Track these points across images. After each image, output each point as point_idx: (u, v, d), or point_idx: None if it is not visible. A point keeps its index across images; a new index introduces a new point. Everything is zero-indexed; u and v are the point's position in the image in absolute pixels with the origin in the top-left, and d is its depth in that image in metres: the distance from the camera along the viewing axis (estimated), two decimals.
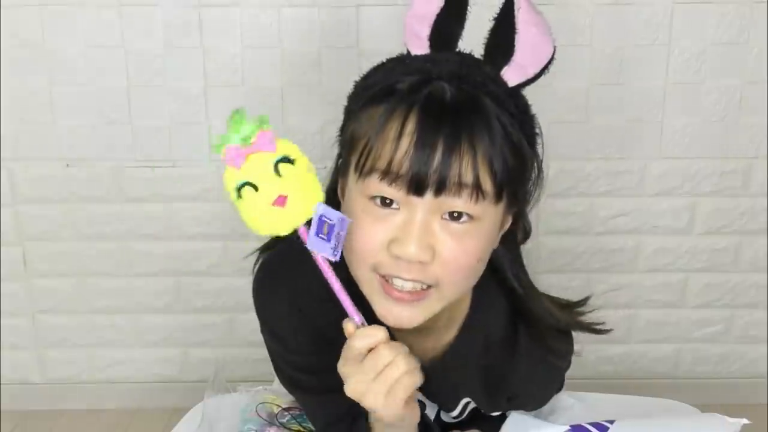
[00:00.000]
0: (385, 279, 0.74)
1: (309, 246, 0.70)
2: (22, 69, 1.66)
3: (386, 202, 0.72)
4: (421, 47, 0.77)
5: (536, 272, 0.90)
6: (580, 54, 1.63)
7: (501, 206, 0.74)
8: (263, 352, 1.97)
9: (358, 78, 0.87)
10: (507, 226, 0.80)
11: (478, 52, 0.79)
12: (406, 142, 0.69)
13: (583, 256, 1.78)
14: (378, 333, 0.72)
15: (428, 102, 0.70)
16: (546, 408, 1.03)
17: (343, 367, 0.74)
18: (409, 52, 0.79)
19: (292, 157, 0.71)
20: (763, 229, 1.77)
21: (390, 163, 0.70)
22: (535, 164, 0.78)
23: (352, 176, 0.76)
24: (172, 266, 1.81)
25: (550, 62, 0.79)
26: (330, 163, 1.34)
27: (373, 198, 0.72)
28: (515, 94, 0.78)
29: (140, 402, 1.93)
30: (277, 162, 0.70)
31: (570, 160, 1.71)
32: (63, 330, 1.87)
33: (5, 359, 1.90)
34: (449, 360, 0.87)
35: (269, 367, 2.00)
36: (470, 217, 0.72)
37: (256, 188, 0.68)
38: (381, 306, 0.75)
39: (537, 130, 0.80)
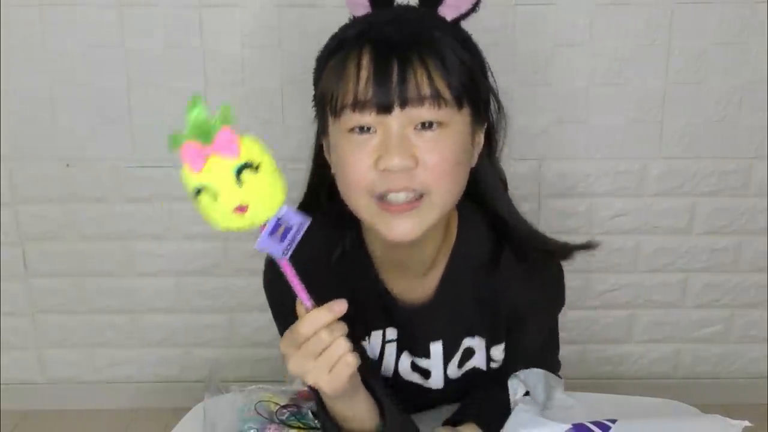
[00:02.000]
0: (381, 200, 0.81)
1: (258, 245, 0.70)
2: (22, 69, 1.66)
3: (363, 129, 0.80)
4: (359, 7, 0.88)
5: None
6: (580, 54, 1.63)
7: (465, 114, 0.82)
8: (263, 352, 1.98)
9: None
10: (480, 142, 0.88)
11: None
12: (365, 73, 0.79)
13: (584, 256, 1.78)
14: (321, 318, 0.74)
15: (377, 38, 0.81)
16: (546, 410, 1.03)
17: (284, 347, 0.77)
18: (352, 17, 0.89)
19: (255, 163, 0.67)
20: (763, 229, 1.77)
21: (356, 95, 0.79)
22: (487, 83, 0.87)
23: (331, 126, 0.85)
24: (172, 266, 1.81)
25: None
26: None
27: (351, 130, 0.81)
28: (455, 26, 0.85)
29: (140, 402, 1.93)
30: (239, 169, 0.66)
31: (570, 160, 1.71)
32: (63, 330, 1.88)
33: (5, 359, 1.90)
34: (444, 292, 0.93)
35: (269, 368, 2.01)
36: (439, 123, 0.80)
37: (215, 197, 0.66)
38: (383, 224, 0.82)
39: (483, 57, 0.87)
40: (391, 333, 0.96)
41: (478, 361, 0.99)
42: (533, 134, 1.69)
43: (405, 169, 0.79)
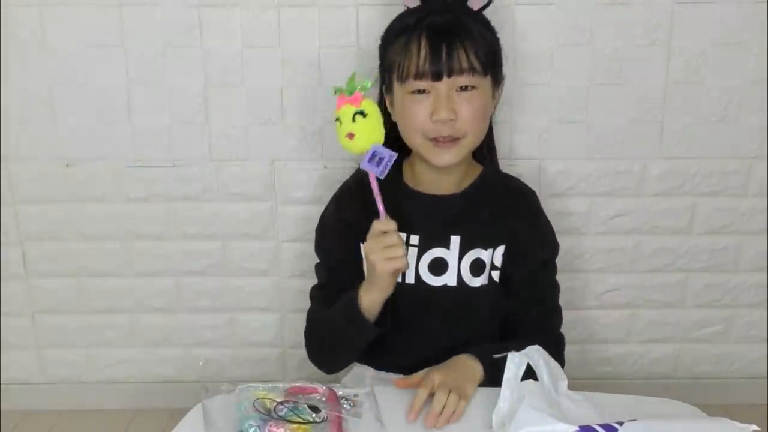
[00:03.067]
0: (432, 139, 1.19)
1: (361, 165, 1.12)
2: (22, 69, 1.66)
3: (421, 91, 1.18)
4: (413, 1, 1.25)
5: None
6: (580, 54, 1.63)
7: (488, 80, 1.21)
8: (263, 352, 1.98)
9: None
10: (498, 97, 1.27)
11: None
12: (423, 52, 1.16)
13: (583, 256, 1.78)
14: (391, 224, 1.12)
15: (430, 26, 1.17)
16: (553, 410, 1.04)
17: (368, 240, 1.13)
18: (408, 7, 1.26)
19: (366, 112, 1.10)
20: (763, 229, 1.77)
21: (417, 66, 1.16)
22: (501, 58, 1.26)
23: (396, 87, 1.22)
24: (172, 266, 1.81)
25: None
26: (329, 163, 1.73)
27: (413, 92, 1.18)
28: (479, 13, 1.25)
29: (140, 402, 1.93)
30: (355, 113, 1.10)
31: (570, 160, 1.71)
32: (63, 330, 1.88)
33: (5, 359, 1.90)
34: (467, 195, 1.29)
35: (268, 368, 2.01)
36: (473, 87, 1.17)
37: (341, 124, 1.11)
38: (432, 155, 1.20)
39: (498, 37, 1.26)
40: (414, 239, 1.27)
41: (484, 278, 1.27)
42: (533, 134, 1.69)
43: (449, 120, 1.16)
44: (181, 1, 1.61)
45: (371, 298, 1.16)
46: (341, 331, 1.20)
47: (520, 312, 1.29)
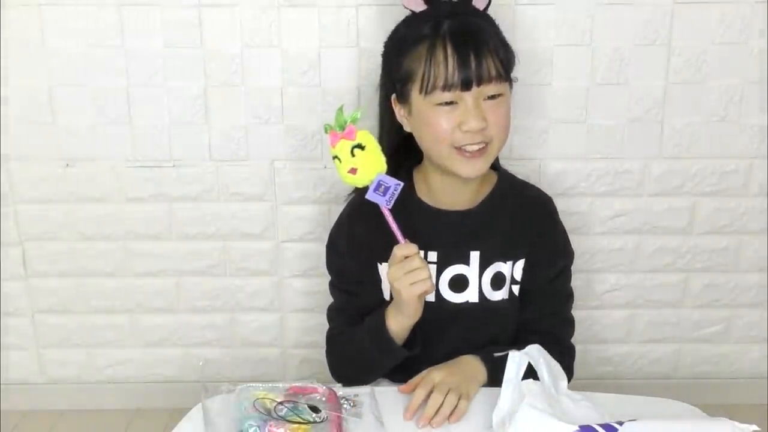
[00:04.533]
0: (458, 149, 1.14)
1: (367, 196, 1.09)
2: (22, 69, 1.66)
3: (448, 103, 1.12)
4: (418, 5, 1.18)
5: None
6: (580, 54, 1.63)
7: (508, 83, 1.18)
8: (263, 352, 1.98)
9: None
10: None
11: None
12: (451, 63, 1.11)
13: (583, 256, 1.78)
14: (412, 248, 1.10)
15: (452, 33, 1.12)
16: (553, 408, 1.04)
17: (389, 267, 1.12)
18: (413, 11, 1.19)
19: (363, 145, 1.09)
20: (763, 229, 1.77)
21: (446, 78, 1.11)
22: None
23: (416, 98, 1.15)
24: (172, 266, 1.81)
25: None
26: (329, 163, 1.63)
27: (440, 104, 1.13)
28: (489, 16, 1.21)
29: (140, 402, 1.93)
30: (353, 147, 1.09)
31: (570, 160, 1.71)
32: (63, 330, 1.88)
33: (5, 359, 1.90)
34: (485, 206, 1.26)
35: (268, 368, 2.01)
36: (499, 95, 1.14)
37: (340, 161, 1.10)
38: (460, 166, 1.16)
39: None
40: (432, 255, 1.24)
41: (504, 292, 1.25)
42: (533, 134, 1.69)
43: (481, 129, 1.12)
44: (181, 1, 1.61)
45: (400, 323, 1.15)
46: (369, 354, 1.19)
47: (532, 323, 1.27)
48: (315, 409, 1.00)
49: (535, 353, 1.07)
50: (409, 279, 1.08)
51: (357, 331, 1.22)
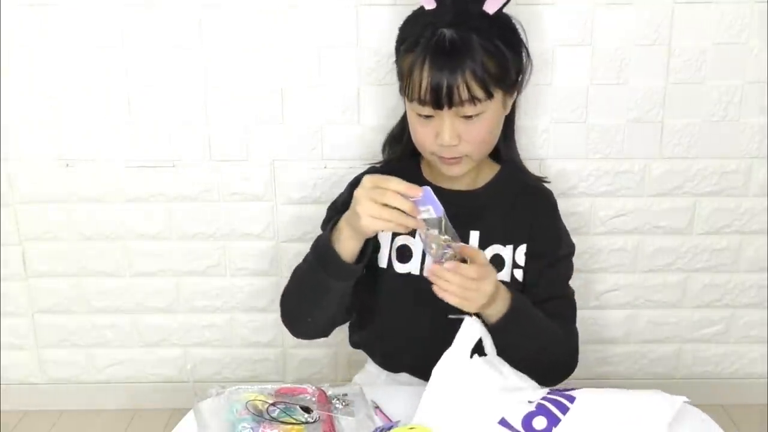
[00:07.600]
0: (438, 155, 1.18)
1: None
2: (22, 69, 1.66)
3: (426, 116, 1.15)
4: (428, 3, 1.15)
5: None
6: (580, 54, 1.63)
7: (498, 96, 1.14)
8: (263, 352, 1.98)
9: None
10: (512, 102, 1.23)
11: None
12: (425, 84, 1.10)
13: (583, 256, 1.78)
14: (417, 190, 1.02)
15: (434, 51, 1.10)
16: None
17: (362, 191, 1.04)
18: (422, 7, 1.17)
19: None
20: (763, 229, 1.77)
21: (419, 94, 1.11)
22: (519, 61, 1.20)
23: (407, 102, 1.18)
24: (171, 266, 1.81)
25: None
26: (329, 163, 1.72)
27: (419, 115, 1.15)
28: (496, 18, 1.15)
29: (140, 402, 1.93)
30: None
31: (570, 160, 1.71)
32: (63, 330, 1.88)
33: (5, 359, 1.90)
34: (488, 190, 1.28)
35: (268, 368, 2.01)
36: (477, 114, 1.13)
37: None
38: (441, 167, 1.19)
39: (521, 36, 1.21)
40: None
41: (505, 275, 1.24)
42: (533, 134, 1.69)
43: (453, 145, 1.14)
44: (181, 1, 1.61)
45: (346, 236, 1.10)
46: (314, 275, 1.14)
47: (537, 306, 1.23)
48: (307, 410, 1.01)
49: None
50: (375, 210, 1.01)
51: (307, 255, 1.19)
